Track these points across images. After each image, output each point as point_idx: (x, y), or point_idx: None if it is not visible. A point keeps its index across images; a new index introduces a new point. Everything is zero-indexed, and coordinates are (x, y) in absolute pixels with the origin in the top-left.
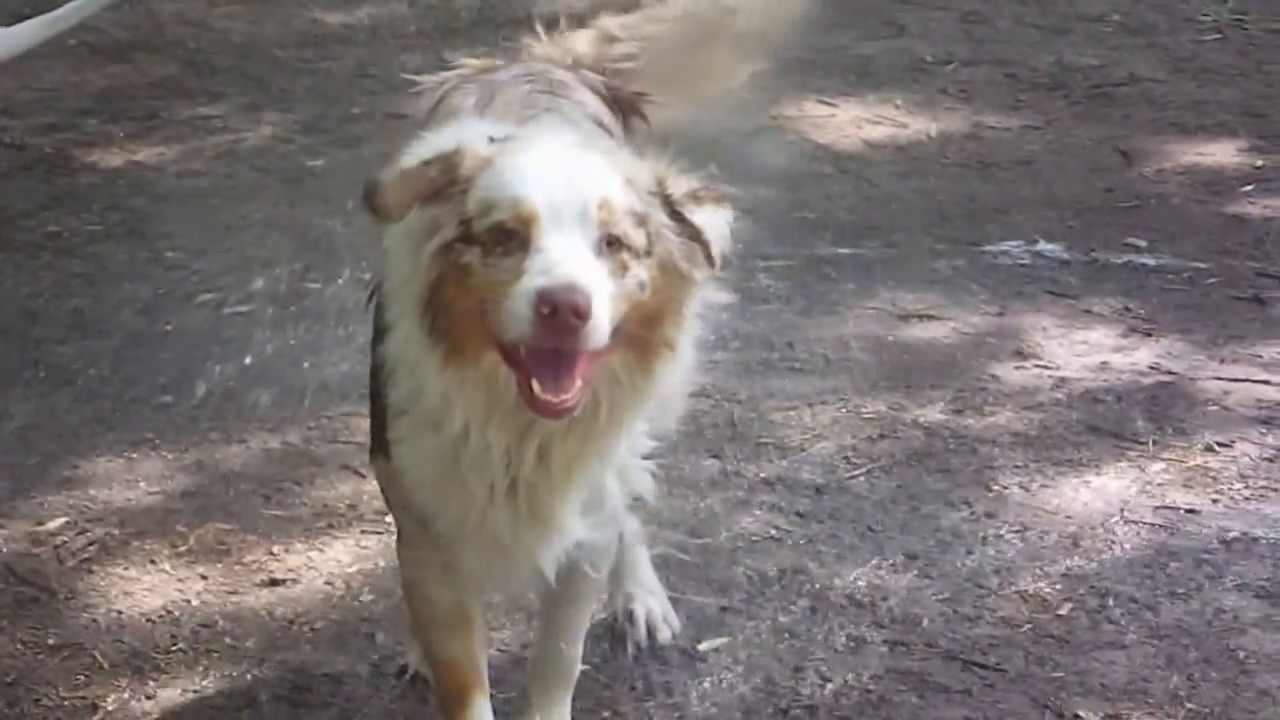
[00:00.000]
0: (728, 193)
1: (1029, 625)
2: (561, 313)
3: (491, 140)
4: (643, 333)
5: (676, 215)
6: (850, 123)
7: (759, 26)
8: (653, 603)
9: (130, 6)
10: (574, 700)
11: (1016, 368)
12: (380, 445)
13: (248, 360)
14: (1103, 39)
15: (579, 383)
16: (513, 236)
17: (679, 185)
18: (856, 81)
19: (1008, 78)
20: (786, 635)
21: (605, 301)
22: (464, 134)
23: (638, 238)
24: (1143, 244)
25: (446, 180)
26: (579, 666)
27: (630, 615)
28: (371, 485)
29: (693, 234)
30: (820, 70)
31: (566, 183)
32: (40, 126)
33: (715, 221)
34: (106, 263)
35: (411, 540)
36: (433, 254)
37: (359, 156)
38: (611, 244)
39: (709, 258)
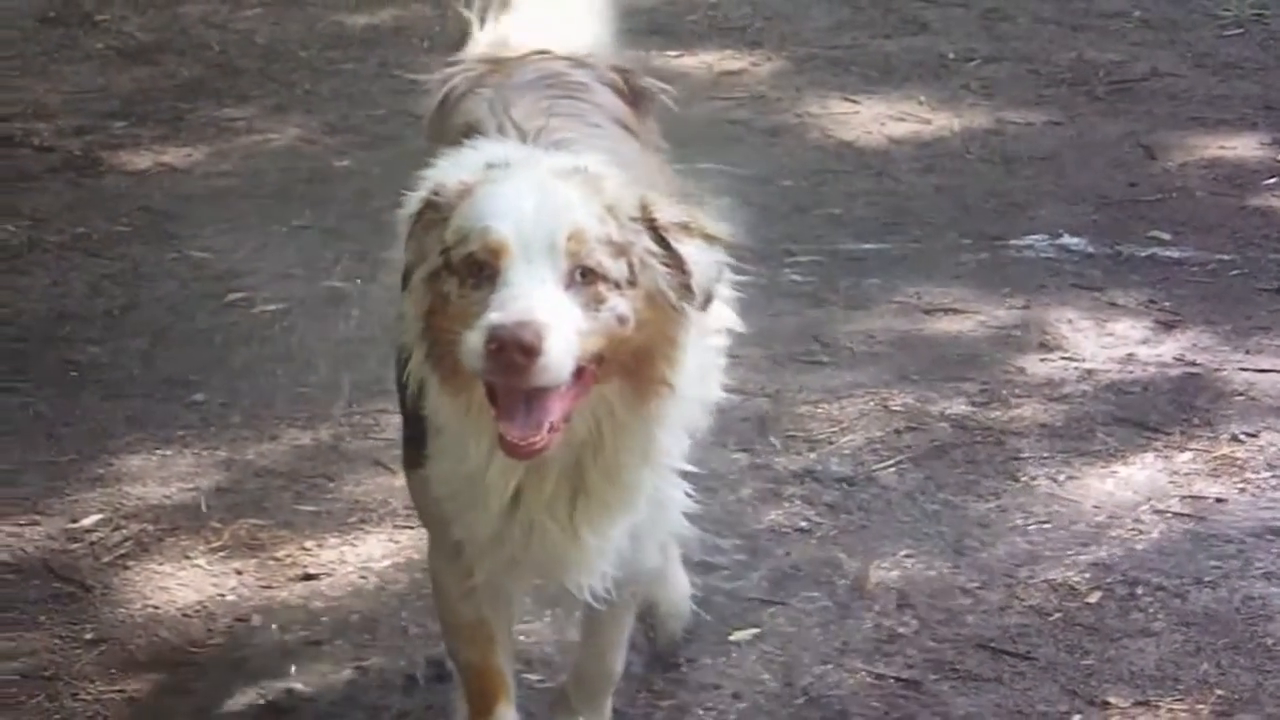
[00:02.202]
0: (720, 231)
1: (1058, 614)
2: (508, 349)
3: (489, 167)
4: (636, 367)
5: (663, 242)
6: (873, 119)
7: None
8: (675, 597)
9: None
10: None
11: (1042, 360)
12: (412, 456)
13: (278, 358)
14: (1124, 34)
15: (548, 423)
16: (483, 268)
17: (668, 213)
18: (879, 79)
19: (1030, 74)
20: (817, 625)
21: (566, 337)
22: (470, 160)
23: (615, 269)
24: (1167, 237)
25: (432, 211)
26: (620, 670)
27: (653, 610)
28: (402, 481)
29: (678, 264)
30: (843, 68)
31: (536, 214)
32: (68, 129)
33: (702, 256)
34: (136, 263)
35: (438, 550)
36: (422, 282)
37: (384, 156)
38: (585, 275)
39: (689, 291)
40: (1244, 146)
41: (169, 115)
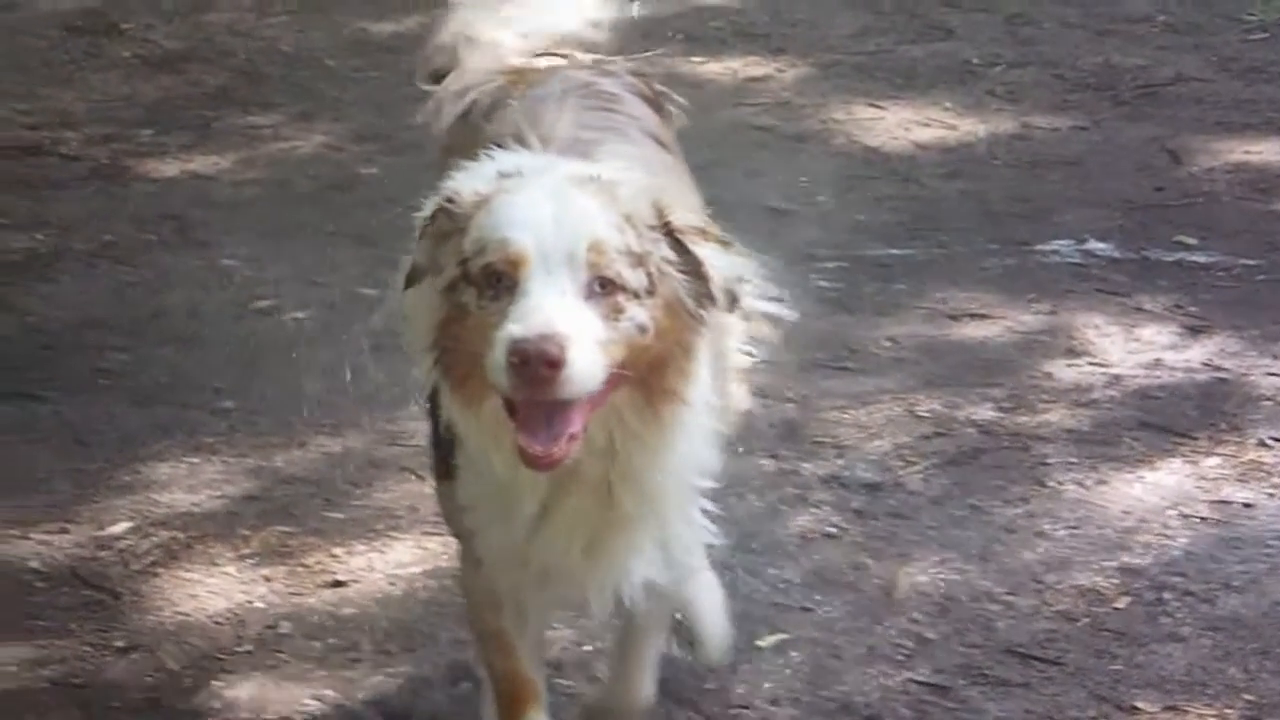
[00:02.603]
0: (729, 239)
1: (1086, 619)
2: (533, 363)
3: (503, 176)
4: (651, 378)
5: (679, 247)
6: (899, 125)
7: None
8: (713, 623)
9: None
10: None
11: (1069, 365)
12: (441, 466)
13: (305, 365)
14: (1149, 39)
15: (568, 434)
16: (502, 279)
17: (683, 217)
18: (904, 84)
19: (1055, 79)
20: (845, 631)
21: (589, 348)
22: (486, 170)
23: (634, 278)
24: (1193, 242)
25: (448, 220)
26: (649, 698)
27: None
28: (430, 487)
29: (696, 267)
30: (868, 74)
31: (555, 224)
32: (95, 138)
33: (719, 258)
34: (163, 270)
35: (468, 559)
36: (440, 293)
37: (411, 163)
38: (604, 286)
39: (710, 293)
40: (1270, 151)
41: (195, 123)
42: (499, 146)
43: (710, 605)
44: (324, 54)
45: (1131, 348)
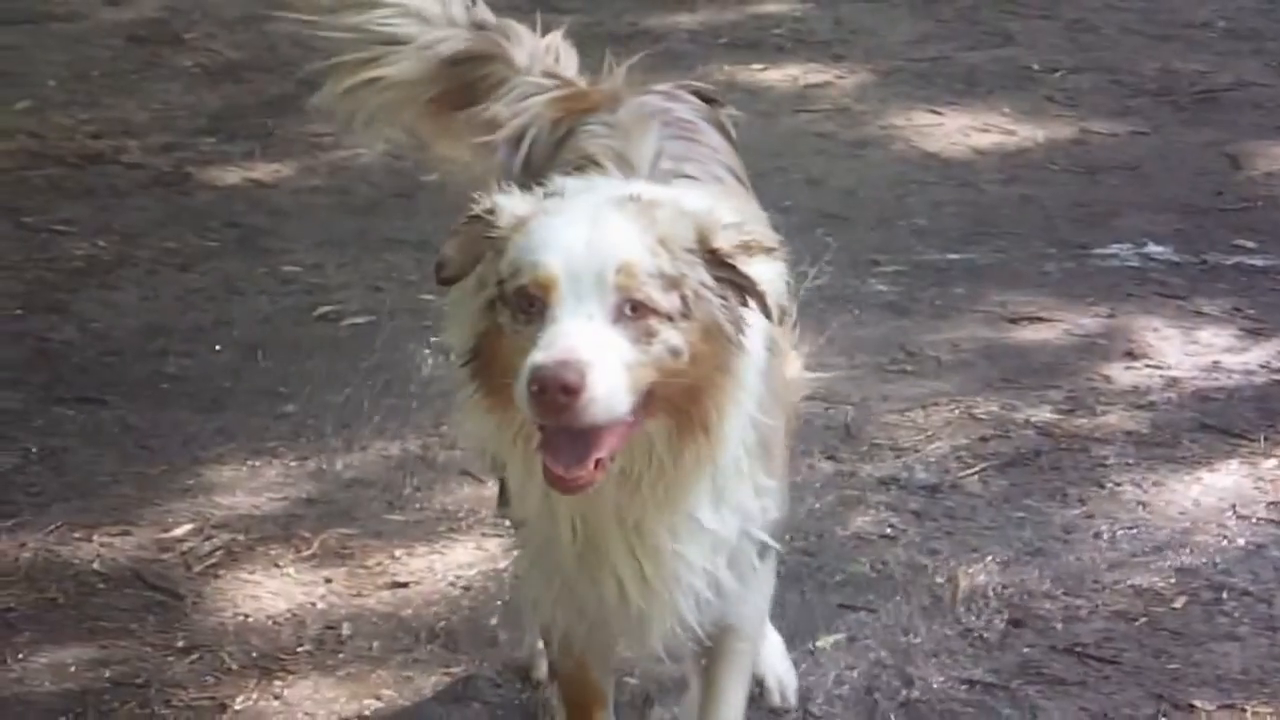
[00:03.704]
0: (775, 245)
1: (1144, 618)
2: (550, 390)
3: (546, 196)
4: (687, 406)
5: (728, 268)
6: (958, 131)
7: None
8: (779, 667)
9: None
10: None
11: (1127, 368)
12: (501, 491)
13: (367, 370)
14: (1208, 44)
15: (594, 458)
16: (534, 302)
17: (728, 238)
18: (964, 90)
19: (1114, 84)
20: (903, 631)
21: (613, 373)
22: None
23: (667, 301)
24: (1252, 245)
25: (486, 238)
26: None
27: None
28: (490, 491)
29: (747, 286)
30: (927, 80)
31: (586, 248)
32: (157, 146)
33: (768, 273)
34: (226, 277)
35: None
36: (480, 309)
37: (471, 171)
38: (635, 309)
39: (765, 309)
40: None
41: (258, 132)
42: (576, 171)
43: (772, 650)
44: None
45: (1190, 350)
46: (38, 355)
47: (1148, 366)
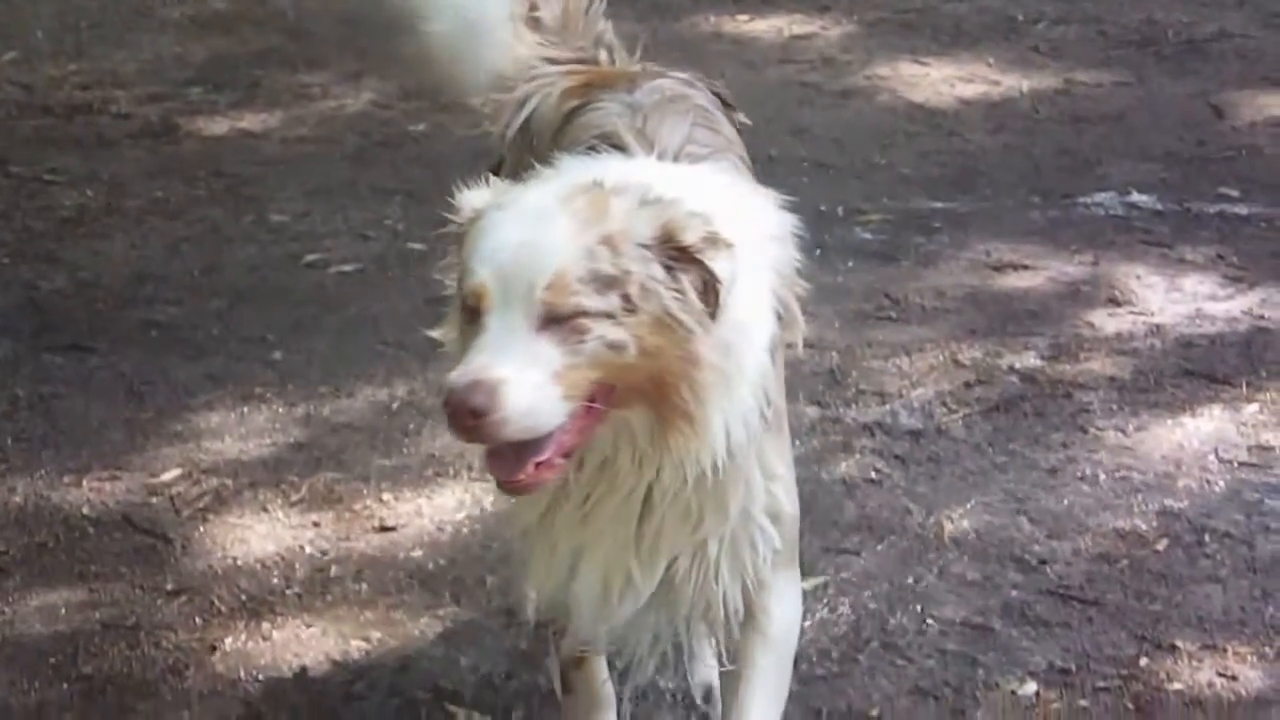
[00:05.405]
0: (728, 239)
1: (1126, 560)
2: (459, 415)
3: (500, 193)
4: (657, 394)
5: (688, 261)
6: (943, 81)
7: None
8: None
9: None
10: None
11: (1111, 315)
12: None
13: (354, 317)
14: None
15: (533, 462)
16: (474, 312)
17: (693, 231)
18: (949, 41)
19: (1098, 34)
20: (887, 573)
21: (533, 385)
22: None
23: (604, 303)
24: (1235, 194)
25: (456, 231)
26: None
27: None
28: None
29: (708, 280)
30: (913, 30)
31: (516, 258)
32: (146, 96)
33: (726, 267)
34: (214, 226)
35: None
36: (455, 307)
37: (458, 121)
38: (564, 313)
39: (715, 306)
40: None
41: (245, 82)
42: (590, 149)
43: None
44: (373, 12)
45: (1173, 297)
46: (27, 303)
47: (1131, 313)
